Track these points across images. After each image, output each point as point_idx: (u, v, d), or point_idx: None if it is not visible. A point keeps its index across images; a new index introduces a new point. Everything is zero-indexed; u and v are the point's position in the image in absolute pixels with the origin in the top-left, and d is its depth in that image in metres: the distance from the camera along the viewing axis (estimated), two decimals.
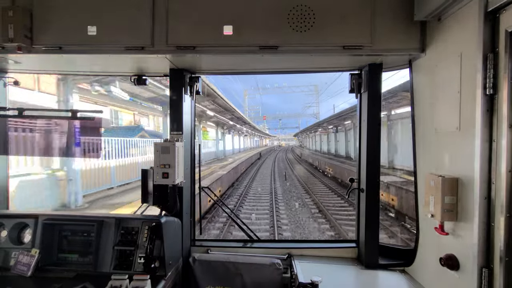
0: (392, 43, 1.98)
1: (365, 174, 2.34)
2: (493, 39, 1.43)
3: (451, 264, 1.65)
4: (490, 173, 1.44)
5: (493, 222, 1.43)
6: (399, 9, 1.95)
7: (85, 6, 2.00)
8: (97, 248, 2.11)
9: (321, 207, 12.44)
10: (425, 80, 2.03)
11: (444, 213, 1.66)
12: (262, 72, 2.60)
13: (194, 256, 2.46)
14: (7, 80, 2.60)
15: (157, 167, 2.19)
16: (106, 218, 2.19)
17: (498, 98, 1.41)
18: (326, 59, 2.19)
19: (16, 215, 2.27)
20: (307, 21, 1.96)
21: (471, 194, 1.52)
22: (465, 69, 1.59)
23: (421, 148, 2.10)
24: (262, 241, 2.88)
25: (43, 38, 2.02)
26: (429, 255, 2.01)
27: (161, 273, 2.02)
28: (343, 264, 2.44)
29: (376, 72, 2.28)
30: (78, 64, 2.47)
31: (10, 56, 2.16)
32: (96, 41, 2.00)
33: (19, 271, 2.02)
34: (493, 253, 1.43)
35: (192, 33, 2.00)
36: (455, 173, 1.68)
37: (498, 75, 1.40)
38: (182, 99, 2.43)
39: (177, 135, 2.38)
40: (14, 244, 2.17)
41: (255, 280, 2.35)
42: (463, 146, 1.61)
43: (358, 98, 2.46)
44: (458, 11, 1.64)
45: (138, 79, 2.59)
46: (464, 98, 1.60)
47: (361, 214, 2.45)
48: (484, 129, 1.44)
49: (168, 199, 2.37)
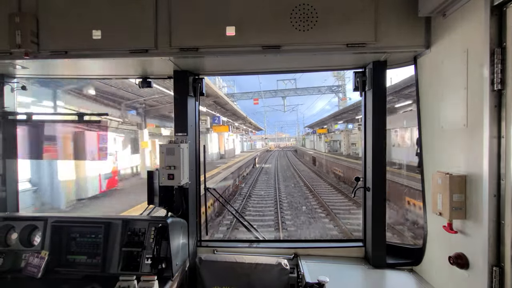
0: (397, 40, 1.96)
1: (371, 172, 2.31)
2: (500, 33, 1.40)
3: (461, 263, 1.63)
4: (499, 170, 1.41)
5: (503, 220, 1.40)
6: (403, 5, 1.93)
7: (89, 10, 2.03)
8: (105, 249, 2.14)
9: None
10: (430, 77, 2.00)
11: (452, 211, 1.64)
12: (265, 72, 2.60)
13: (200, 256, 2.47)
14: (14, 85, 2.66)
15: (163, 169, 2.20)
16: (113, 220, 2.21)
17: (506, 93, 1.38)
18: (329, 57, 2.18)
19: (26, 217, 2.31)
20: (310, 20, 1.95)
21: (480, 192, 1.49)
22: (471, 65, 1.57)
23: (428, 146, 2.07)
24: (268, 241, 2.88)
25: (49, 43, 2.06)
26: (437, 254, 1.98)
27: (168, 273, 2.03)
28: (350, 264, 2.42)
29: (381, 70, 2.26)
30: (84, 68, 2.50)
31: (18, 62, 2.20)
32: (101, 45, 2.03)
33: (29, 273, 2.06)
34: (504, 251, 1.40)
35: (195, 35, 2.01)
36: (463, 170, 1.65)
37: (506, 70, 1.38)
38: (187, 101, 2.45)
39: (182, 136, 2.40)
40: (24, 246, 2.21)
41: (261, 280, 2.35)
42: (471, 143, 1.58)
43: (363, 96, 2.44)
44: (463, 6, 1.61)
45: (142, 81, 2.61)
46: (471, 94, 1.57)
47: (367, 213, 2.43)
48: (492, 125, 1.41)
49: (174, 200, 2.39)
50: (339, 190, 15.86)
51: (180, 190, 2.37)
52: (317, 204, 12.95)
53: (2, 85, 2.58)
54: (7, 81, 2.60)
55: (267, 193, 15.78)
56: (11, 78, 2.62)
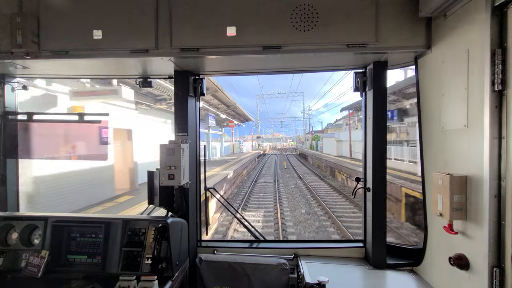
0: (397, 40, 1.96)
1: (371, 173, 2.31)
2: (500, 34, 1.40)
3: (461, 264, 1.62)
4: (499, 171, 1.41)
5: (504, 221, 1.39)
6: (404, 5, 1.93)
7: (90, 11, 2.03)
8: (105, 249, 2.14)
9: None
10: (431, 77, 2.00)
11: (453, 212, 1.63)
12: (266, 72, 2.60)
13: (200, 256, 2.47)
14: (15, 85, 2.66)
15: (163, 169, 2.20)
16: (113, 220, 2.21)
17: (507, 94, 1.38)
18: (330, 58, 2.18)
19: (27, 217, 2.31)
20: (310, 20, 1.95)
21: (481, 193, 1.49)
22: (472, 65, 1.56)
23: (428, 146, 2.07)
24: (268, 241, 2.88)
25: (50, 43, 2.06)
26: (438, 254, 1.98)
27: (168, 273, 2.03)
28: (351, 264, 2.42)
29: (381, 70, 2.26)
30: (85, 68, 2.50)
31: (19, 62, 2.20)
32: (102, 45, 2.03)
33: (29, 272, 2.06)
34: (504, 252, 1.40)
35: (196, 35, 2.01)
36: (463, 171, 1.65)
37: (506, 71, 1.37)
38: (187, 101, 2.45)
39: (182, 136, 2.40)
40: (24, 245, 2.21)
41: (261, 280, 2.35)
42: (472, 144, 1.58)
43: (363, 96, 2.44)
44: (464, 7, 1.61)
45: (143, 81, 2.62)
46: (471, 94, 1.57)
47: (368, 214, 2.43)
48: (493, 126, 1.41)
49: (174, 200, 2.39)
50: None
51: (180, 190, 2.37)
52: None
53: (3, 84, 2.59)
54: (8, 80, 2.61)
55: None
56: (12, 78, 2.63)
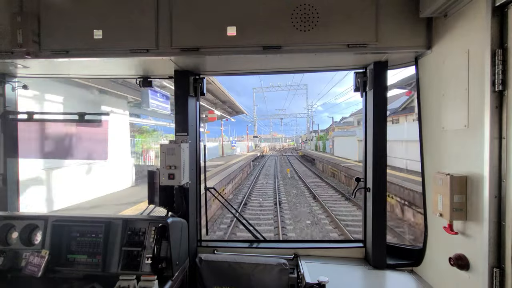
0: (398, 41, 1.96)
1: (372, 173, 2.31)
2: (501, 34, 1.40)
3: (461, 264, 1.62)
4: (500, 171, 1.41)
5: (504, 221, 1.39)
6: (404, 6, 1.93)
7: (90, 10, 2.03)
8: (105, 249, 2.14)
9: None
10: (431, 77, 2.00)
11: (453, 212, 1.63)
12: (266, 72, 2.60)
13: (200, 256, 2.47)
14: (16, 84, 2.66)
15: (163, 168, 2.20)
16: (113, 219, 2.21)
17: (507, 94, 1.38)
18: (330, 58, 2.18)
19: (27, 216, 2.31)
20: (311, 20, 1.95)
21: (481, 193, 1.49)
22: (473, 66, 1.56)
23: (428, 147, 2.07)
24: (268, 241, 2.88)
25: (50, 42, 2.06)
26: (438, 255, 1.98)
27: (168, 273, 2.03)
28: (350, 264, 2.42)
29: (382, 70, 2.26)
30: (85, 68, 2.51)
31: (19, 61, 2.20)
32: (102, 45, 2.03)
33: (30, 272, 2.06)
34: (504, 253, 1.40)
35: (196, 34, 2.01)
36: (463, 171, 1.65)
37: (507, 71, 1.37)
38: (187, 100, 2.45)
39: (183, 136, 2.40)
40: (25, 245, 2.22)
41: (261, 280, 2.35)
42: (472, 144, 1.58)
43: (364, 96, 2.44)
44: (465, 7, 1.61)
45: (143, 81, 2.62)
46: (472, 95, 1.57)
47: (368, 214, 2.43)
48: (493, 126, 1.41)
49: (174, 200, 2.39)
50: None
51: (181, 190, 2.37)
52: None
53: (4, 84, 2.59)
54: (8, 80, 2.61)
55: None
56: (12, 78, 2.63)
